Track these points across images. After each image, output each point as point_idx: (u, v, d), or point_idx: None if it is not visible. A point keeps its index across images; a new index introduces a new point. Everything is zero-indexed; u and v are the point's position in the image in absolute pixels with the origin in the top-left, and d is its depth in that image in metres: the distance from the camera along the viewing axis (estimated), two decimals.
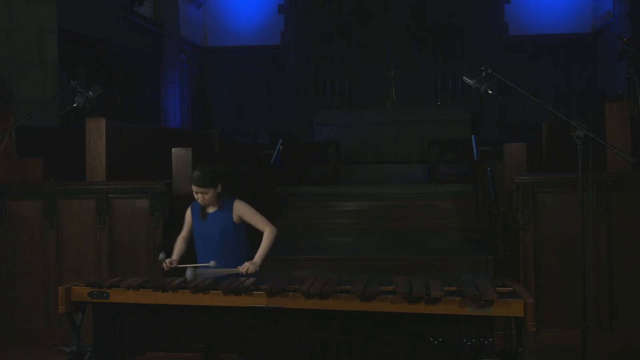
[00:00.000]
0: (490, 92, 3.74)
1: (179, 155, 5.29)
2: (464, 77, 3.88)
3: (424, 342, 3.32)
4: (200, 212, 4.13)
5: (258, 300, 3.42)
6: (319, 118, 13.86)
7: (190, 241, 4.21)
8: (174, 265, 4.05)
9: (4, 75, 7.53)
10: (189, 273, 3.85)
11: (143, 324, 3.61)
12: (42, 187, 5.37)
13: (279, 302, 3.40)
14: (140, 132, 7.51)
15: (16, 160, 5.55)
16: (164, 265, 4.02)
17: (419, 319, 3.30)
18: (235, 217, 4.08)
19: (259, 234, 4.10)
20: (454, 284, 3.43)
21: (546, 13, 14.62)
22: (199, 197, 4.06)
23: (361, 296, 3.31)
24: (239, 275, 3.89)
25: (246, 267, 3.93)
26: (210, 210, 4.13)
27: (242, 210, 4.11)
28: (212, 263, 3.90)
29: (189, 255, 4.19)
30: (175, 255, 4.14)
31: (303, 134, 14.56)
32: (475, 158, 9.32)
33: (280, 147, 10.13)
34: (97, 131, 5.38)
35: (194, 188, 4.05)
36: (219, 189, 4.06)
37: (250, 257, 4.02)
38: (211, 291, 3.49)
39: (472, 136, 10.56)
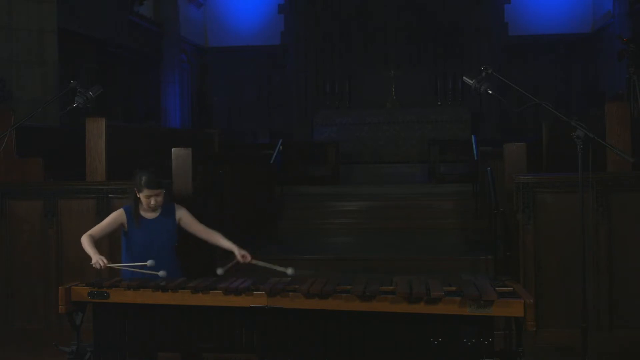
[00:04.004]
0: (490, 92, 3.73)
1: (179, 155, 5.29)
2: (464, 77, 3.88)
3: (424, 342, 3.32)
4: (135, 219, 3.85)
5: (258, 300, 3.42)
6: (319, 118, 13.85)
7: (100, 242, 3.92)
8: (108, 264, 3.78)
9: (4, 75, 7.52)
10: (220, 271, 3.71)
11: (143, 324, 3.61)
12: (42, 187, 5.37)
13: (279, 302, 3.40)
14: (140, 132, 7.52)
15: (16, 160, 5.55)
16: (100, 265, 3.73)
17: (419, 319, 3.30)
18: (176, 223, 3.95)
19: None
20: (454, 284, 3.43)
21: (546, 13, 14.61)
22: (152, 200, 3.82)
23: (361, 296, 3.31)
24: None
25: (247, 256, 3.85)
26: (151, 216, 3.95)
27: (186, 216, 3.96)
28: (161, 273, 3.67)
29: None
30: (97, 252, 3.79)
31: (303, 134, 14.54)
32: (475, 158, 9.30)
33: (280, 147, 10.10)
34: (97, 131, 5.38)
35: (148, 192, 3.81)
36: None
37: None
38: (211, 291, 3.48)
39: (472, 136, 10.54)
